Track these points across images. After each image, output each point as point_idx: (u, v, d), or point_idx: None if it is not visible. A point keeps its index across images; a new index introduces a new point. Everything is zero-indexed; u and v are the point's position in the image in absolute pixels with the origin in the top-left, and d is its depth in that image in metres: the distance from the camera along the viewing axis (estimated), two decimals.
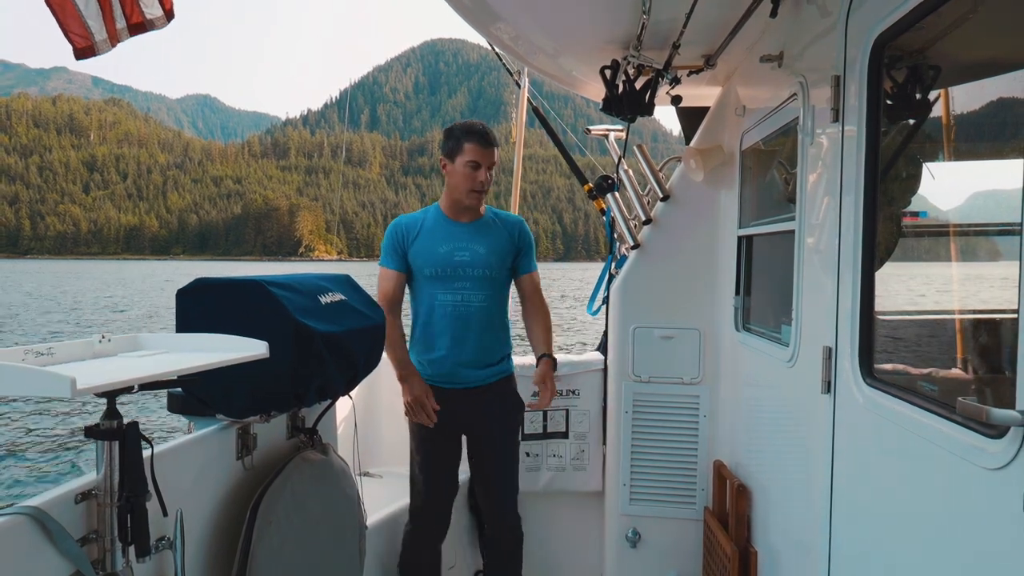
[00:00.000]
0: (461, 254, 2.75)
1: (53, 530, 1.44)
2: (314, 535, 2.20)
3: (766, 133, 2.54)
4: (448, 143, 2.76)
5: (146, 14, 2.95)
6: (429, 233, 2.77)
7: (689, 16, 2.21)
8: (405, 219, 2.83)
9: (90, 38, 2.80)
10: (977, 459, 1.18)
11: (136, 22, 2.93)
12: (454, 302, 2.75)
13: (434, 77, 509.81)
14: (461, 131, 2.74)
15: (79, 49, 2.80)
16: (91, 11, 2.79)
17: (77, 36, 2.77)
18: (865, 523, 1.67)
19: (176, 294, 1.98)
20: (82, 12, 2.76)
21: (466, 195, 2.74)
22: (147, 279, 70.99)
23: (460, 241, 2.77)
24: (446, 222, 2.81)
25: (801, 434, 2.11)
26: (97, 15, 2.81)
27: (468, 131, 2.72)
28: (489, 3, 2.41)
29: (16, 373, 1.31)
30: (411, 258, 2.76)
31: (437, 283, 2.76)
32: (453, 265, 2.74)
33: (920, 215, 1.76)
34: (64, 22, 2.74)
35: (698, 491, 3.16)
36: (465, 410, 2.78)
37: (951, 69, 1.59)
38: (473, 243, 2.78)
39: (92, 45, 2.81)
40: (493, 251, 2.79)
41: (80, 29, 2.77)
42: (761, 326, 2.63)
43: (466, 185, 2.72)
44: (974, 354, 1.49)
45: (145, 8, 2.94)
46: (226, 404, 2.04)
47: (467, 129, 2.74)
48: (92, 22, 2.80)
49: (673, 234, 3.18)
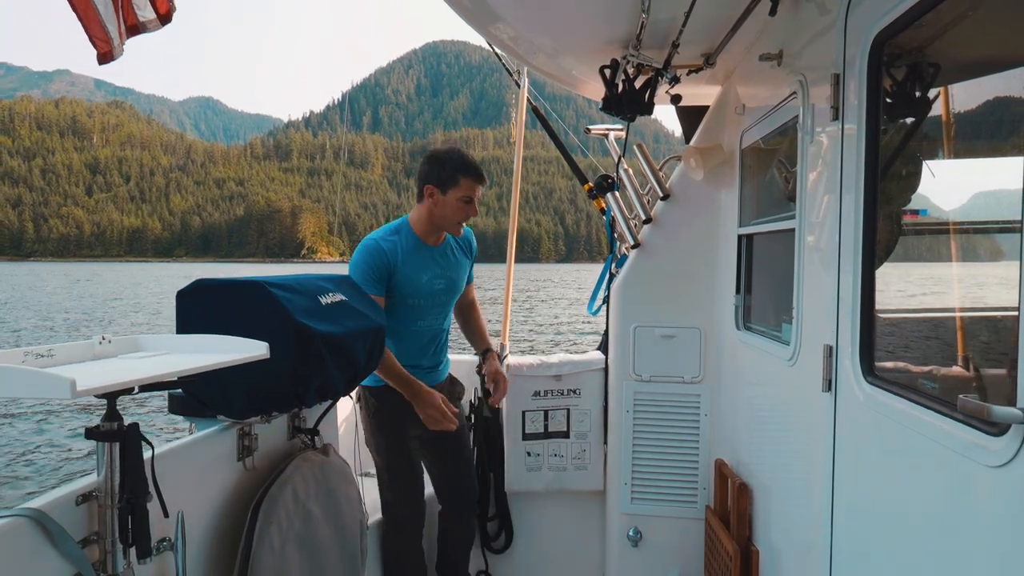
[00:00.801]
0: (438, 282, 2.86)
1: (54, 532, 1.44)
2: (315, 535, 2.20)
3: (766, 132, 2.53)
4: (440, 173, 2.75)
5: (139, 16, 2.95)
6: (409, 260, 2.78)
7: (688, 15, 2.20)
8: (385, 244, 2.76)
9: (110, 42, 2.80)
10: (978, 457, 1.17)
11: (130, 24, 2.94)
12: (429, 327, 2.90)
13: (436, 79, 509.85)
14: (457, 165, 2.75)
15: (102, 54, 2.80)
16: (108, 15, 2.79)
17: (100, 41, 2.77)
18: (866, 521, 1.67)
19: (176, 295, 1.98)
20: (102, 16, 2.76)
21: (454, 226, 2.82)
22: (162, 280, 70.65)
23: (437, 268, 2.86)
24: (421, 246, 2.84)
25: (802, 432, 2.10)
26: (112, 19, 2.81)
27: (464, 166, 2.75)
28: (488, 3, 2.41)
29: (16, 375, 1.32)
30: (395, 285, 2.76)
31: (416, 310, 2.84)
32: (433, 294, 2.85)
33: (920, 213, 1.75)
34: (89, 27, 2.75)
35: (699, 490, 3.15)
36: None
37: (951, 67, 1.59)
38: (447, 269, 2.89)
39: (112, 50, 2.82)
40: (461, 275, 2.96)
41: (102, 34, 2.77)
42: (762, 325, 2.63)
43: (457, 218, 2.78)
44: (974, 351, 1.48)
45: (137, 10, 2.95)
46: (226, 405, 2.04)
47: (462, 163, 2.76)
48: (110, 26, 2.80)
49: (673, 233, 3.18)
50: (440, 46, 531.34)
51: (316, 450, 2.37)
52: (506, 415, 3.36)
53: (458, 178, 2.73)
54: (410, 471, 2.88)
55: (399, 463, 2.85)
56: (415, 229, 2.83)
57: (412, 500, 2.88)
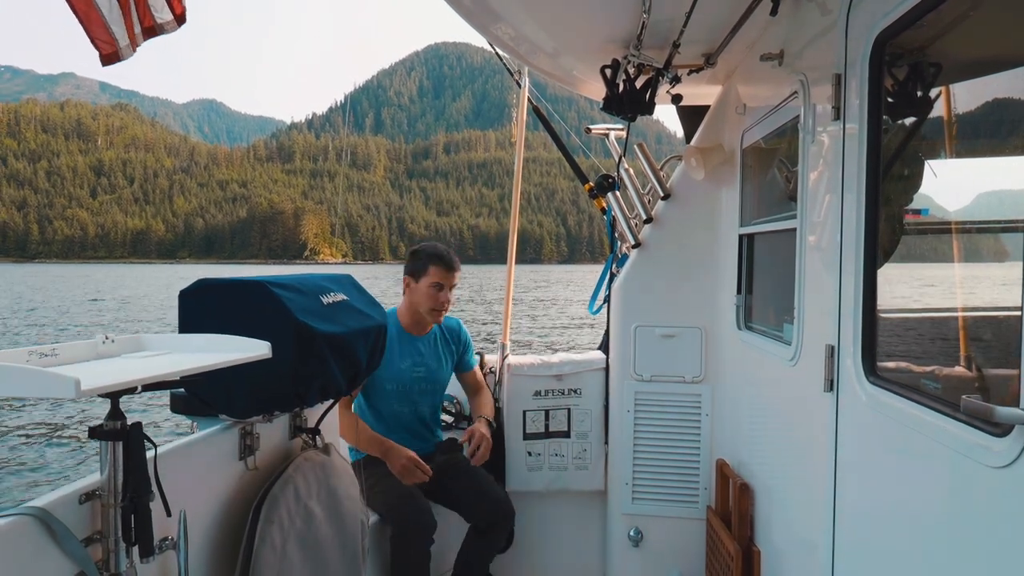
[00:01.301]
0: (418, 370, 3.08)
1: (57, 530, 1.44)
2: (317, 534, 2.20)
3: (767, 131, 2.53)
4: (414, 264, 3.07)
5: (156, 18, 2.96)
6: (391, 347, 2.92)
7: (689, 15, 2.21)
8: None
9: (115, 44, 2.81)
10: (981, 457, 1.17)
11: (147, 26, 2.94)
12: (410, 412, 3.10)
13: (438, 81, 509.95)
14: (427, 255, 3.05)
15: (105, 56, 2.81)
16: (114, 16, 2.80)
17: (103, 43, 2.79)
18: (868, 521, 1.67)
19: (179, 295, 1.98)
20: (106, 18, 2.77)
21: (428, 313, 3.05)
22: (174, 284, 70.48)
23: (418, 356, 3.10)
24: (404, 335, 3.09)
25: (804, 432, 2.10)
26: (119, 20, 2.82)
27: (433, 256, 3.05)
28: (489, 3, 2.41)
29: (20, 374, 1.32)
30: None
31: (394, 395, 3.05)
32: (412, 381, 3.08)
33: (922, 213, 1.75)
34: (90, 29, 2.75)
35: (700, 490, 3.15)
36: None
37: (952, 66, 1.59)
38: (429, 359, 3.12)
39: (117, 51, 2.83)
40: (443, 365, 3.17)
41: (105, 35, 2.78)
42: (763, 324, 2.63)
43: (428, 304, 3.03)
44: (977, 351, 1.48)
45: (155, 12, 2.95)
46: (228, 404, 2.04)
47: (432, 253, 3.06)
48: (115, 27, 2.81)
49: (674, 233, 3.18)
50: (442, 48, 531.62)
51: (318, 449, 2.37)
52: (507, 415, 3.36)
53: (428, 267, 3.03)
54: (412, 497, 2.88)
55: (402, 496, 2.87)
56: (400, 319, 3.12)
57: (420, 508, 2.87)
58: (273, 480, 2.10)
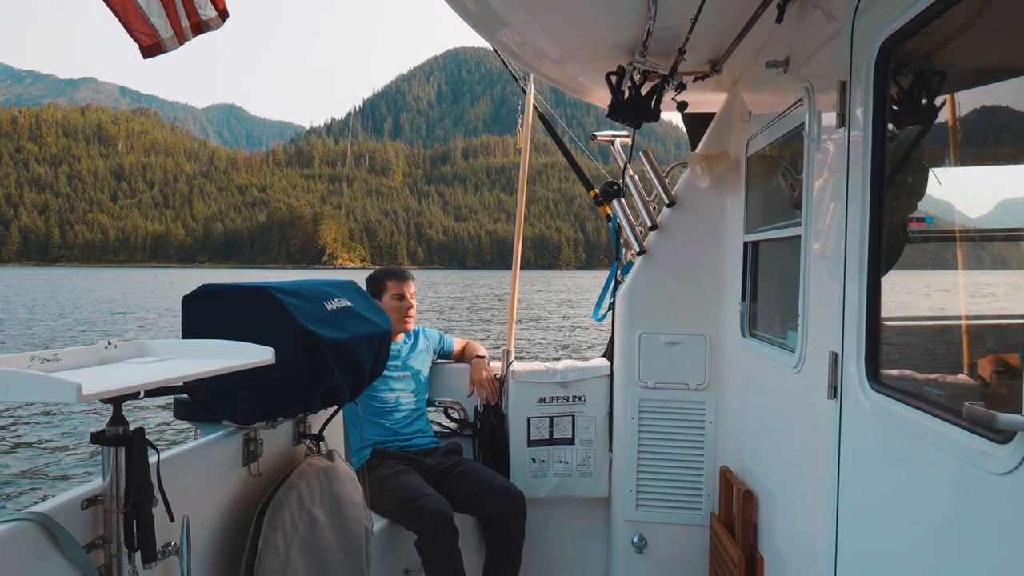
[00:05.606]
0: (393, 362, 3.28)
1: (60, 536, 1.46)
2: (320, 540, 2.21)
3: (772, 139, 2.52)
4: (373, 286, 3.35)
5: (201, 15, 2.97)
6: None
7: (695, 22, 2.20)
8: None
9: (156, 35, 2.82)
10: (984, 464, 1.17)
11: (194, 22, 2.96)
12: (397, 401, 3.28)
13: (457, 86, 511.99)
14: (382, 274, 3.40)
15: (146, 47, 2.82)
16: (153, 8, 2.80)
17: (142, 34, 2.79)
18: (872, 528, 1.65)
19: (182, 300, 2.00)
20: (144, 10, 2.78)
21: (400, 322, 3.30)
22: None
23: (395, 359, 3.32)
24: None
25: (807, 439, 2.09)
26: (160, 12, 2.82)
27: (387, 272, 3.40)
28: (495, 9, 2.42)
29: (22, 379, 1.34)
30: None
31: (378, 383, 3.23)
32: (391, 377, 3.28)
33: (926, 221, 1.74)
34: (127, 21, 2.76)
35: (704, 497, 3.13)
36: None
37: (957, 74, 1.58)
38: (400, 351, 3.34)
39: (159, 42, 2.83)
40: (417, 357, 3.39)
41: (144, 27, 2.79)
42: (767, 332, 2.62)
43: (398, 314, 3.28)
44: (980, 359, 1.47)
45: (200, 9, 2.97)
46: (232, 410, 2.06)
47: (386, 271, 3.41)
48: (156, 19, 2.81)
49: (679, 240, 3.17)
50: (461, 53, 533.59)
51: (321, 455, 2.39)
52: (511, 421, 3.36)
53: (386, 282, 3.34)
54: (425, 491, 2.89)
55: (414, 490, 2.88)
56: None
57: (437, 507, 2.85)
58: (277, 486, 2.11)
